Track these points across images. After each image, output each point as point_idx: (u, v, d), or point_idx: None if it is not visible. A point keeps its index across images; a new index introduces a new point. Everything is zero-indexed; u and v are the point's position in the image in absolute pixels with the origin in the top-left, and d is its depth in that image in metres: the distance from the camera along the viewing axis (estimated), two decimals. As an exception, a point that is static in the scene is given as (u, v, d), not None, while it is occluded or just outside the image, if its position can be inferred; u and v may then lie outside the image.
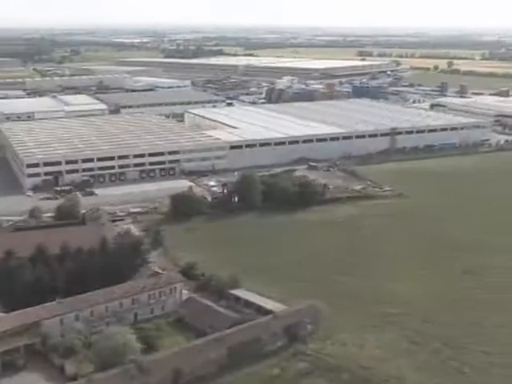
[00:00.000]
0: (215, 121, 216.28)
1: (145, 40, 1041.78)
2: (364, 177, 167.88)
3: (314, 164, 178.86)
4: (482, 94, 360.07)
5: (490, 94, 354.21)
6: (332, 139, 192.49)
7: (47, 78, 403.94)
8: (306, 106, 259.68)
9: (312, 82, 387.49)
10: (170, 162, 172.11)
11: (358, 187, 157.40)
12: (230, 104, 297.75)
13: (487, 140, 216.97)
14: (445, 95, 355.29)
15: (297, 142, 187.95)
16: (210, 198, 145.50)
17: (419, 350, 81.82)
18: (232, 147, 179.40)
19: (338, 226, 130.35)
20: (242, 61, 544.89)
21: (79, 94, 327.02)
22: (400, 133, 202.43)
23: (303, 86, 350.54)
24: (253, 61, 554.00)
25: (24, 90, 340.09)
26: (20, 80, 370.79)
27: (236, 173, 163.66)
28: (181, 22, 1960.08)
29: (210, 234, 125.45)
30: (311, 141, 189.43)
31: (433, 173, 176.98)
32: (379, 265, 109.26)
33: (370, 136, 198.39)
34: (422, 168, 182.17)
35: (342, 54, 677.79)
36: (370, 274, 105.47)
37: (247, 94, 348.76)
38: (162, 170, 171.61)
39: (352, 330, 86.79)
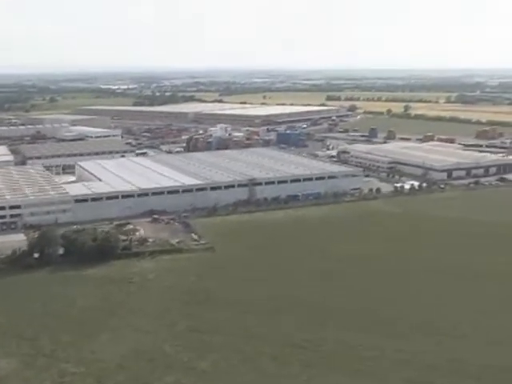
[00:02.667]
0: (91, 173, 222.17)
1: (131, 86, 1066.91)
2: (195, 230, 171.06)
3: (156, 217, 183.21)
4: (409, 139, 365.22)
5: (417, 139, 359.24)
6: (185, 191, 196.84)
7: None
8: (199, 156, 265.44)
9: (245, 128, 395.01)
10: (12, 216, 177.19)
11: (176, 241, 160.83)
12: (143, 153, 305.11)
13: (357, 189, 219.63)
14: (371, 141, 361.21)
15: (146, 194, 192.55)
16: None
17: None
18: (77, 201, 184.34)
19: (116, 281, 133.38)
20: (198, 108, 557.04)
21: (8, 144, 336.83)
22: (260, 183, 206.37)
23: (226, 135, 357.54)
24: (209, 107, 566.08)
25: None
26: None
27: (75, 226, 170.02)
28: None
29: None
30: (162, 193, 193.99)
31: (271, 225, 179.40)
32: (112, 323, 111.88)
33: (227, 187, 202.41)
34: (265, 220, 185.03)
35: (310, 99, 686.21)
36: (95, 332, 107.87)
37: (173, 143, 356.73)
38: (3, 223, 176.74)
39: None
